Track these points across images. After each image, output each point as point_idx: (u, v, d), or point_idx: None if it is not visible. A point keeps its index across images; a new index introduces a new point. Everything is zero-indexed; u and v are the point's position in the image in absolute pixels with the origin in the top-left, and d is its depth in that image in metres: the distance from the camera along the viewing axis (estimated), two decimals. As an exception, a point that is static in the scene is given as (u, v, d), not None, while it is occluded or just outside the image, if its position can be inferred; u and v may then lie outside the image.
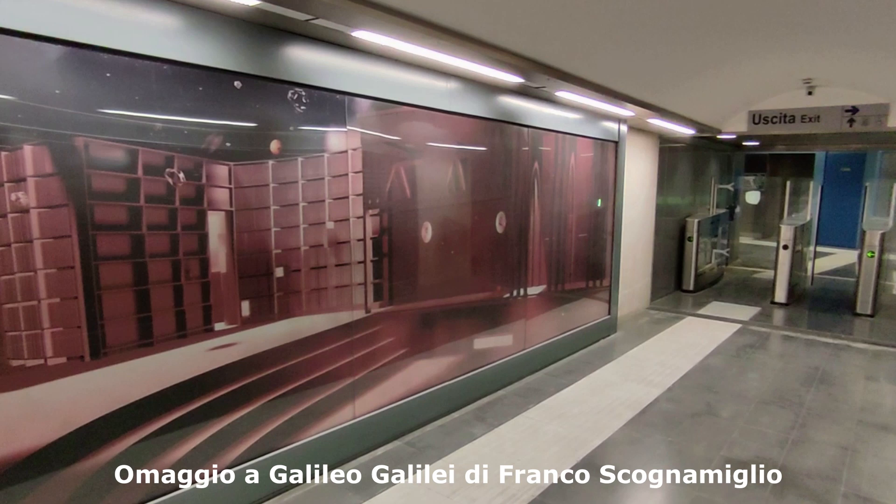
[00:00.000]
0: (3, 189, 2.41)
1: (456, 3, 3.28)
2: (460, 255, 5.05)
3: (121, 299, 2.82)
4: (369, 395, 4.25)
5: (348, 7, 2.94)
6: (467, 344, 5.25)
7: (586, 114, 6.73)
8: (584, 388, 5.78)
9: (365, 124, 3.99)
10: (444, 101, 4.64)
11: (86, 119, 2.63)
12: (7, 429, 2.52)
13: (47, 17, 2.45)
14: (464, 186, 4.98)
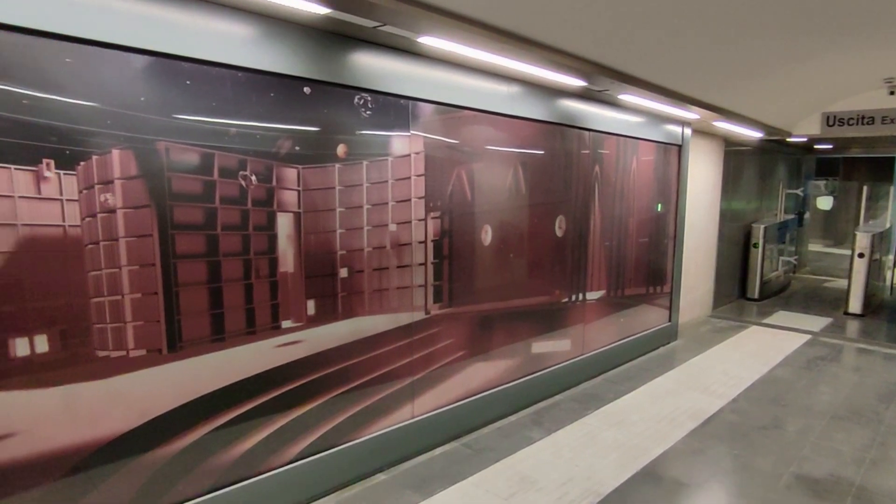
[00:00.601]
0: (94, 190, 2.57)
1: (520, 7, 3.27)
2: (519, 259, 5.04)
3: (196, 296, 2.96)
4: (428, 395, 4.29)
5: (415, 13, 2.99)
6: (525, 347, 5.22)
7: (649, 117, 6.60)
8: (643, 395, 5.65)
9: (428, 128, 4.03)
10: (505, 105, 4.64)
11: (167, 124, 2.77)
12: (92, 415, 2.67)
13: (135, 30, 2.59)
14: (523, 190, 4.96)
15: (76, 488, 2.66)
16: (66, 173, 2.49)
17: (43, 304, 2.49)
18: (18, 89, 2.34)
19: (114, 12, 2.52)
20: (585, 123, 5.59)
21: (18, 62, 2.33)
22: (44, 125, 2.41)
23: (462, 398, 4.59)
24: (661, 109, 6.32)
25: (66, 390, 2.59)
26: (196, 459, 3.06)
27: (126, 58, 2.61)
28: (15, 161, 2.35)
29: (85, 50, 2.49)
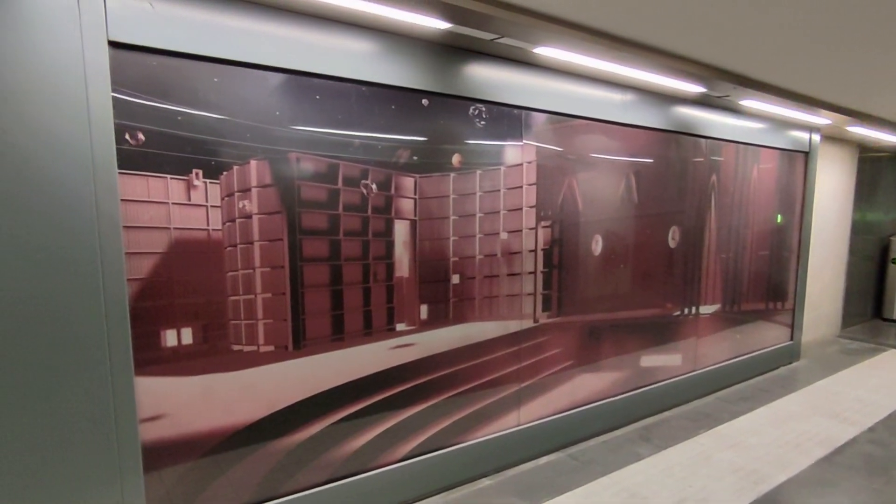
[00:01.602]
0: (233, 197, 2.79)
1: (638, 14, 3.19)
2: (630, 269, 4.89)
3: (319, 297, 3.12)
4: (534, 403, 4.26)
5: (534, 24, 3.00)
6: (633, 360, 5.05)
7: (773, 123, 6.19)
8: (762, 417, 5.28)
9: (540, 137, 4.02)
10: (618, 113, 4.53)
11: (298, 136, 2.95)
12: (226, 404, 2.89)
13: (273, 51, 2.80)
14: (636, 199, 4.81)
15: (211, 469, 2.88)
16: (212, 182, 2.72)
17: (188, 301, 2.73)
18: (175, 107, 2.59)
19: (255, 35, 2.73)
20: (702, 131, 5.34)
21: (176, 83, 2.59)
22: (194, 139, 2.65)
23: (568, 409, 4.51)
24: (786, 115, 5.91)
25: (206, 379, 2.82)
26: (315, 451, 3.22)
27: (264, 76, 2.82)
28: (170, 171, 2.61)
29: (230, 70, 2.72)
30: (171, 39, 2.52)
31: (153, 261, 2.62)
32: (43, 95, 2.26)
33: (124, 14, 2.40)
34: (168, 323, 2.68)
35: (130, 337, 2.54)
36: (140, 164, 2.53)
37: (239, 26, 2.69)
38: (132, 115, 2.49)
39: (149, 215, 2.58)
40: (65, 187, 2.31)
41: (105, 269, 2.43)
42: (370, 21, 3.00)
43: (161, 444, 2.72)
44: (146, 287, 2.61)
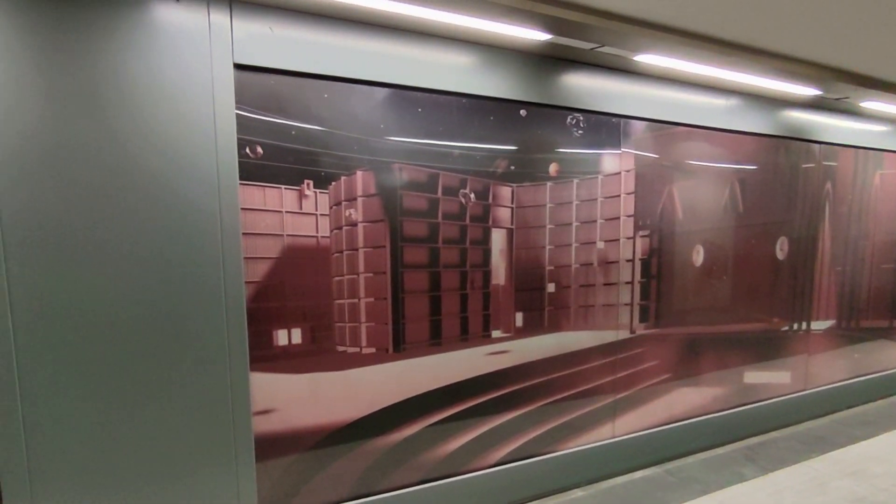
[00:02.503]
0: (341, 206, 2.93)
1: (750, 16, 3.04)
2: (733, 281, 4.64)
3: (418, 302, 3.20)
4: (630, 416, 4.13)
5: (634, 32, 2.94)
6: (736, 376, 4.78)
7: (898, 126, 5.68)
8: (888, 444, 4.83)
9: (639, 145, 3.92)
10: (721, 119, 4.32)
11: (401, 147, 3.05)
12: (330, 402, 3.02)
13: (378, 67, 2.92)
14: (741, 208, 4.57)
15: (315, 462, 3.02)
16: (321, 192, 2.87)
17: (299, 303, 2.88)
18: (289, 122, 2.76)
19: (362, 53, 2.86)
20: (815, 135, 4.99)
21: (291, 99, 2.75)
22: (306, 151, 2.81)
23: (665, 423, 4.34)
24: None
25: (312, 377, 2.97)
26: (410, 452, 3.29)
27: (370, 91, 2.94)
28: (284, 182, 2.78)
29: (338, 86, 2.86)
30: (288, 59, 2.69)
31: (268, 265, 2.79)
32: (175, 116, 2.48)
33: (248, 38, 2.59)
34: (280, 323, 2.85)
35: (247, 336, 2.72)
36: (258, 176, 2.71)
37: (347, 45, 2.82)
38: (252, 131, 2.68)
39: (265, 223, 2.76)
40: (193, 200, 2.53)
41: (226, 274, 2.62)
42: (470, 35, 3.06)
43: (271, 437, 2.89)
44: (261, 290, 2.78)
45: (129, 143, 2.40)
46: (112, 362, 2.46)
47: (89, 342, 2.42)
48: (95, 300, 2.40)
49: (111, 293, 2.43)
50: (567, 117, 3.59)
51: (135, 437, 2.54)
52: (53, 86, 2.27)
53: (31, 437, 2.37)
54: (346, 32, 2.81)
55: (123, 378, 2.49)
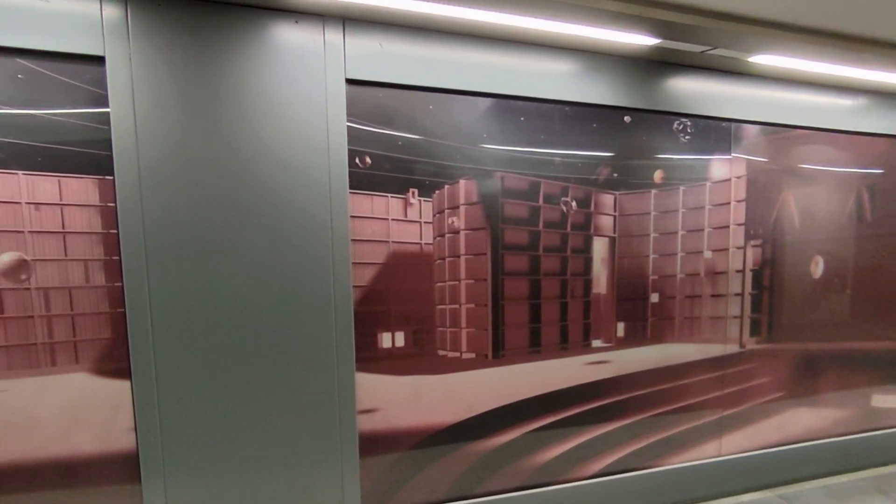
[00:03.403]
0: (444, 214, 2.99)
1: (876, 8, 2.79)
2: (859, 295, 4.25)
3: (518, 310, 3.20)
4: (738, 435, 3.89)
5: (751, 32, 2.78)
6: (861, 398, 4.37)
7: None
8: None
9: (751, 150, 3.69)
10: (847, 121, 3.99)
11: (503, 156, 3.07)
12: (430, 404, 3.08)
13: (481, 77, 2.95)
14: (869, 217, 4.18)
15: (415, 462, 3.09)
16: (425, 200, 2.94)
17: (402, 307, 2.97)
18: (396, 133, 2.85)
19: (465, 65, 2.91)
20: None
21: (398, 111, 2.85)
22: (412, 161, 2.90)
23: (778, 444, 4.05)
24: None
25: (414, 380, 3.04)
26: (507, 458, 3.28)
27: (473, 101, 2.98)
28: (391, 190, 2.87)
29: (443, 97, 2.92)
30: (395, 73, 2.79)
31: (374, 271, 2.90)
32: (291, 130, 2.64)
33: (359, 55, 2.71)
34: (384, 327, 2.94)
35: (353, 338, 2.83)
36: (366, 185, 2.83)
37: (452, 57, 2.88)
38: (361, 142, 2.80)
39: (371, 230, 2.87)
40: (306, 208, 2.68)
41: (335, 278, 2.75)
42: (573, 43, 3.02)
43: (373, 435, 2.98)
44: (367, 294, 2.89)
45: (249, 155, 2.58)
46: (233, 359, 2.65)
47: (215, 340, 2.62)
48: (221, 301, 2.60)
49: (235, 295, 2.62)
50: (673, 123, 3.45)
51: (251, 429, 2.72)
52: (187, 105, 2.49)
53: (165, 423, 2.60)
54: (451, 45, 2.87)
55: (242, 374, 2.67)
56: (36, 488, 2.52)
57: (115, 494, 2.61)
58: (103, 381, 2.57)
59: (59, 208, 2.47)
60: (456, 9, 2.55)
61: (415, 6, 2.53)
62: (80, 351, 2.55)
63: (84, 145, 2.45)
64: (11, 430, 2.48)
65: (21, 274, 2.46)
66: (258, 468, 2.76)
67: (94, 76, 2.41)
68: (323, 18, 2.64)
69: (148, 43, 2.41)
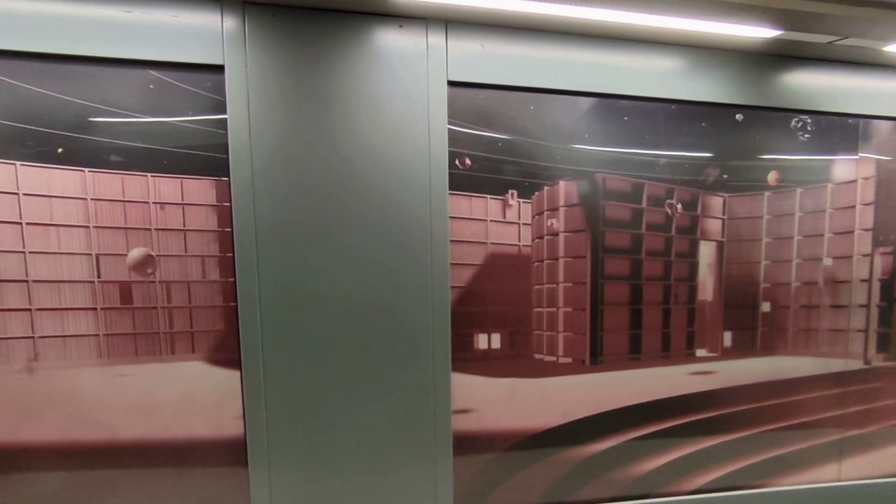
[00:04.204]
0: (542, 216, 2.93)
1: None
2: None
3: (618, 315, 3.09)
4: (861, 459, 3.56)
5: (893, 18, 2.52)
6: None
7: None
8: None
9: (883, 149, 3.36)
10: None
11: (605, 157, 2.98)
12: (525, 408, 3.04)
13: (583, 76, 2.88)
14: None
15: (508, 465, 3.05)
16: (524, 202, 2.91)
17: (499, 309, 2.94)
18: (496, 134, 2.84)
19: (567, 64, 2.85)
20: None
21: (498, 113, 2.83)
22: (511, 162, 2.87)
23: (906, 472, 3.68)
24: None
25: (509, 382, 3.00)
26: (603, 467, 3.18)
27: (575, 101, 2.91)
28: (490, 192, 2.86)
29: (543, 98, 2.87)
30: (496, 74, 2.77)
31: (471, 271, 2.89)
32: (393, 132, 2.68)
33: (461, 57, 2.71)
34: (480, 328, 2.93)
35: (450, 337, 2.84)
36: (465, 186, 2.82)
37: (553, 56, 2.82)
38: (461, 143, 2.80)
39: (469, 231, 2.86)
40: (407, 208, 2.71)
41: (433, 279, 2.77)
42: (682, 38, 2.87)
43: (467, 436, 2.97)
44: (464, 295, 2.89)
45: (354, 156, 2.65)
46: (334, 355, 2.73)
47: (318, 335, 2.71)
48: (325, 298, 2.68)
49: (338, 292, 2.69)
50: (791, 120, 3.20)
51: (349, 423, 2.79)
52: (296, 109, 2.59)
53: (270, 413, 2.71)
54: (553, 44, 2.82)
55: (343, 369, 2.75)
56: (156, 465, 2.71)
57: (223, 476, 2.75)
58: (216, 370, 2.72)
59: (180, 207, 2.64)
60: (560, 7, 2.49)
61: (518, 6, 2.50)
62: (196, 341, 2.71)
63: (203, 149, 2.60)
64: (135, 412, 2.67)
65: (148, 268, 2.65)
66: (354, 461, 2.82)
67: (214, 84, 2.55)
68: (426, 22, 2.66)
69: (262, 51, 2.53)
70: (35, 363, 2.60)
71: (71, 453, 2.64)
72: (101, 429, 2.65)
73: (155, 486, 2.71)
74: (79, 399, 2.64)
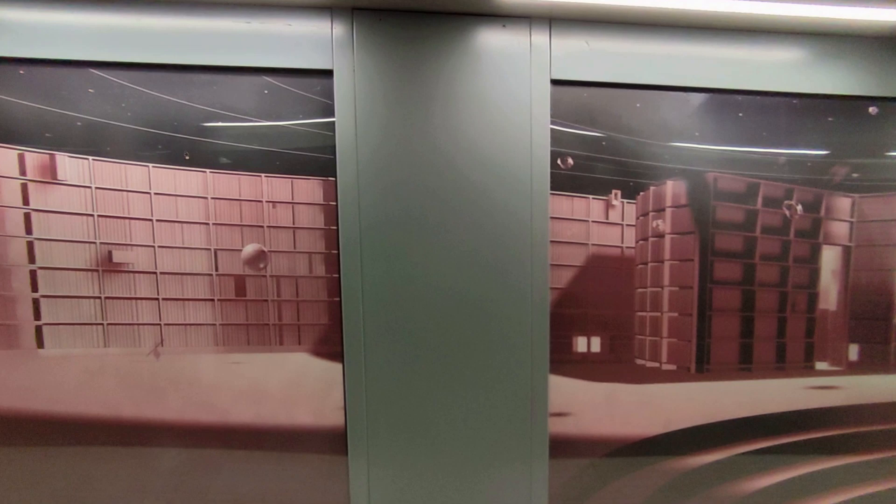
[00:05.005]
0: (647, 217, 2.81)
1: None
2: None
3: (728, 322, 2.91)
4: None
5: None
6: None
7: None
8: None
9: None
10: None
11: (717, 155, 2.81)
12: (624, 414, 2.93)
13: (694, 71, 2.73)
14: None
15: (605, 472, 2.96)
16: (628, 202, 2.80)
17: (599, 312, 2.85)
18: (600, 133, 2.74)
19: (677, 58, 2.71)
20: None
21: (602, 111, 2.74)
22: (616, 161, 2.77)
23: None
24: None
25: (608, 387, 2.91)
26: (708, 481, 3.00)
27: (685, 97, 2.76)
28: (592, 192, 2.77)
29: (651, 94, 2.74)
30: (602, 72, 2.68)
31: (571, 273, 2.82)
32: (494, 132, 2.65)
33: (565, 54, 2.65)
34: (580, 330, 2.85)
35: (549, 339, 2.78)
36: (566, 186, 2.76)
37: (662, 52, 2.69)
38: (563, 143, 2.73)
39: (570, 231, 2.79)
40: (508, 207, 2.68)
41: (534, 279, 2.72)
42: (806, 26, 2.65)
43: (564, 439, 2.91)
44: (564, 296, 2.82)
45: (456, 155, 2.65)
46: (434, 352, 2.75)
47: (418, 332, 2.74)
48: (426, 296, 2.71)
49: (439, 291, 2.71)
50: (936, 112, 2.88)
51: (446, 421, 2.80)
52: (400, 110, 2.63)
53: (371, 406, 2.78)
54: (662, 38, 2.69)
55: (442, 367, 2.76)
56: (261, 447, 2.85)
57: (324, 463, 2.86)
58: (319, 362, 2.82)
59: (290, 206, 2.76)
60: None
61: (626, 0, 2.40)
62: (302, 333, 2.83)
63: (312, 150, 2.71)
64: (245, 397, 2.83)
65: (260, 263, 2.79)
66: (449, 458, 2.83)
67: (323, 88, 2.64)
68: (530, 20, 2.62)
69: (369, 55, 2.59)
70: (160, 348, 2.81)
71: (187, 432, 2.84)
72: (214, 411, 2.83)
73: (259, 467, 2.86)
74: (196, 382, 2.83)
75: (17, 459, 2.84)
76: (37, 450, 2.84)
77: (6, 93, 2.65)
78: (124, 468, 2.85)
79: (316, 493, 2.88)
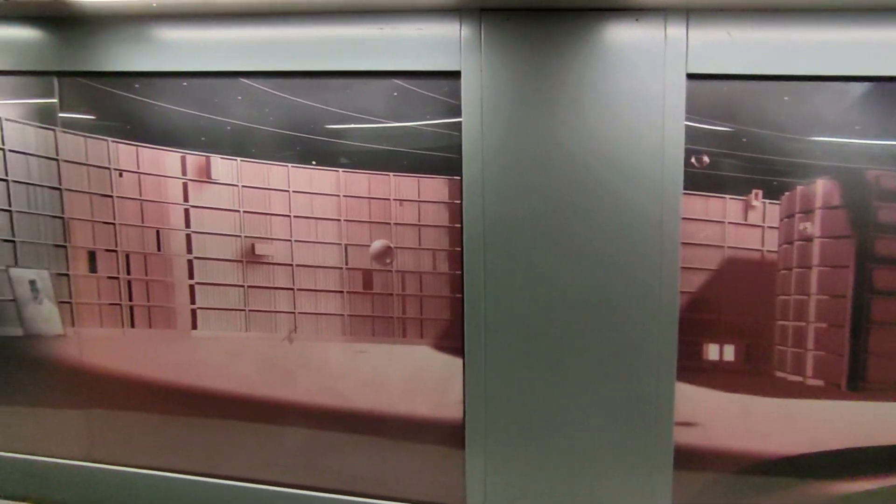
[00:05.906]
0: (793, 219, 2.58)
1: None
2: None
3: (889, 336, 2.60)
4: None
5: None
6: None
7: None
8: None
9: None
10: None
11: (881, 151, 2.52)
12: (762, 429, 2.72)
13: (859, 58, 2.45)
14: None
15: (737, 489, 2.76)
16: (771, 202, 2.58)
17: (733, 318, 2.67)
18: (741, 129, 2.56)
19: (834, 45, 2.44)
20: None
21: (744, 106, 2.55)
22: (758, 159, 2.56)
23: None
24: None
25: (742, 399, 2.71)
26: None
27: (843, 88, 2.49)
28: (729, 191, 2.59)
29: (803, 86, 2.51)
30: (745, 64, 2.48)
31: (704, 276, 2.66)
32: (622, 128, 2.55)
33: (703, 47, 2.48)
34: (711, 337, 2.68)
35: (677, 345, 2.64)
36: (701, 185, 2.60)
37: (816, 38, 2.44)
38: (699, 140, 2.57)
39: (704, 233, 2.63)
40: (636, 207, 2.57)
41: (662, 282, 2.59)
42: None
43: (690, 450, 2.75)
44: (695, 300, 2.67)
45: (582, 154, 2.58)
46: (555, 352, 2.71)
47: (540, 331, 2.71)
48: (549, 295, 2.67)
49: (563, 290, 2.66)
50: None
51: (566, 422, 2.75)
52: (526, 110, 2.60)
53: (489, 402, 2.79)
54: (816, 24, 2.44)
55: (563, 368, 2.71)
56: (381, 435, 2.96)
57: (441, 454, 2.92)
58: (440, 355, 2.88)
59: (416, 204, 2.84)
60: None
61: (776, -16, 2.21)
62: (424, 327, 2.90)
63: (438, 150, 2.76)
64: (368, 385, 2.96)
65: (387, 258, 2.90)
66: (567, 461, 2.78)
67: (451, 89, 2.68)
68: (665, 13, 2.48)
69: (496, 55, 2.58)
70: (294, 334, 3.00)
71: (313, 414, 3.01)
72: (338, 396, 2.99)
73: (377, 452, 2.98)
74: (325, 368, 3.00)
75: (163, 426, 3.16)
76: (181, 419, 3.14)
77: (172, 103, 2.94)
78: (253, 442, 3.09)
79: (431, 483, 2.95)
